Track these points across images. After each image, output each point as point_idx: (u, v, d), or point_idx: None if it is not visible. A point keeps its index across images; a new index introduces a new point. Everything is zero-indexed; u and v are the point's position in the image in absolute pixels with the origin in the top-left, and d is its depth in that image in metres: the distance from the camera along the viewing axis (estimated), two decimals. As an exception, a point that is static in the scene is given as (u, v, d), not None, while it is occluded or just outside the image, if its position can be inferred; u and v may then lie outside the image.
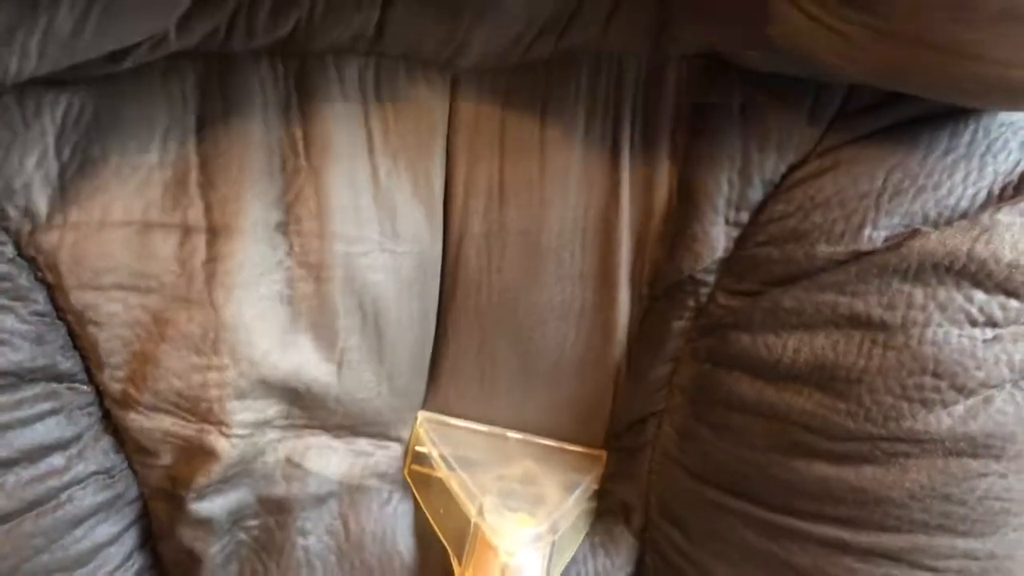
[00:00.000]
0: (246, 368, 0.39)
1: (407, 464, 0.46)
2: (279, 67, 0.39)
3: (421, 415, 0.46)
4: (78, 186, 0.37)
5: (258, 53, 0.38)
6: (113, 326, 0.38)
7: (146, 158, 0.38)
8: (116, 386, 0.40)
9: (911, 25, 0.29)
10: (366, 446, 0.45)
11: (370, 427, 0.45)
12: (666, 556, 0.46)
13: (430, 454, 0.45)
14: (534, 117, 0.41)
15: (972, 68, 0.30)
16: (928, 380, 0.37)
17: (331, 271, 0.40)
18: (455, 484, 0.44)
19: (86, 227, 0.37)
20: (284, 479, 0.44)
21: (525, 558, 0.41)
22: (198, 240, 0.39)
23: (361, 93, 0.40)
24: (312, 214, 0.39)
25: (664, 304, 0.43)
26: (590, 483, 0.47)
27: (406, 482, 0.47)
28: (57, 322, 0.39)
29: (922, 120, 0.37)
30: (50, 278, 0.38)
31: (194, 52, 0.37)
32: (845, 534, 0.40)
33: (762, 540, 0.41)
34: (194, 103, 0.38)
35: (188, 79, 0.38)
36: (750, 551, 0.42)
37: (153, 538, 0.44)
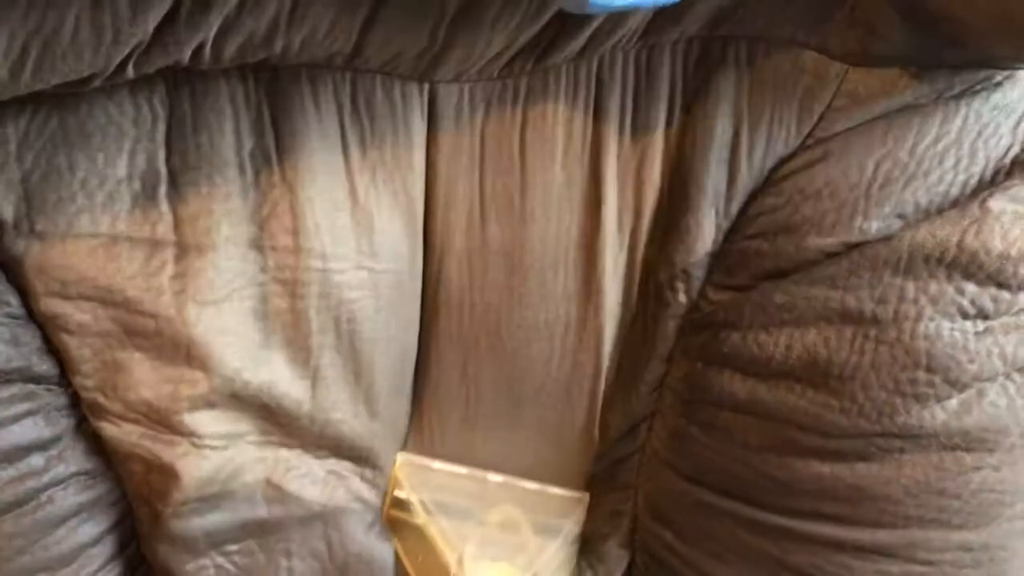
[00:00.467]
0: (218, 383, 0.39)
1: (385, 509, 0.45)
2: (250, 80, 0.38)
3: (400, 457, 0.45)
4: (44, 195, 0.36)
5: (228, 68, 0.37)
6: (84, 335, 0.38)
7: (114, 171, 0.37)
8: (87, 394, 0.39)
9: None
10: (349, 471, 0.44)
11: (352, 451, 0.44)
12: (657, 556, 0.45)
13: (409, 499, 0.45)
14: (513, 128, 0.40)
15: None
16: (921, 375, 0.37)
17: (306, 288, 0.39)
18: (434, 532, 0.44)
19: (52, 237, 0.37)
20: (266, 501, 0.43)
21: None
22: (166, 255, 0.38)
23: (337, 106, 0.38)
24: (287, 230, 0.39)
25: (655, 303, 0.42)
26: (572, 527, 0.47)
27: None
28: (32, 324, 0.38)
29: (911, 108, 0.37)
30: (20, 283, 0.37)
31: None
32: (841, 532, 0.39)
33: (757, 540, 0.41)
34: (163, 115, 0.37)
35: (157, 91, 0.37)
36: (745, 551, 0.41)
37: (138, 539, 0.43)
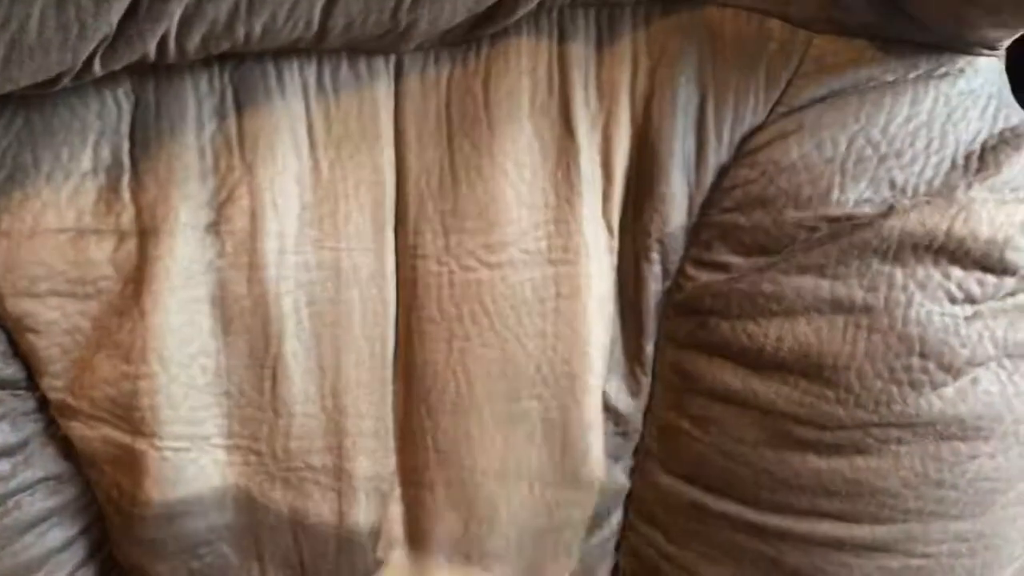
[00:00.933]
0: (176, 372, 0.39)
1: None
2: (215, 67, 0.38)
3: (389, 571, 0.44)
4: (9, 193, 0.37)
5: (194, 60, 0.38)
6: (52, 334, 0.38)
7: (78, 165, 0.38)
8: (56, 395, 0.39)
9: None
10: (318, 475, 0.42)
11: (320, 452, 0.42)
12: (644, 558, 0.45)
13: None
14: (477, 83, 0.39)
15: None
16: (916, 361, 0.37)
17: (264, 271, 0.39)
18: None
19: (19, 235, 0.37)
20: (235, 506, 0.42)
21: None
22: (131, 244, 0.38)
23: (302, 84, 0.39)
24: (245, 212, 0.39)
25: (633, 277, 0.41)
26: None
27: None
28: (-3, 329, 0.38)
29: (883, 86, 0.37)
30: None
31: None
32: (840, 529, 0.39)
33: (752, 541, 0.41)
34: (128, 108, 0.38)
35: (123, 85, 0.38)
36: (739, 553, 0.41)
37: (107, 544, 0.43)
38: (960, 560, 0.39)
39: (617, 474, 0.43)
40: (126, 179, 0.38)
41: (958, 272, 0.37)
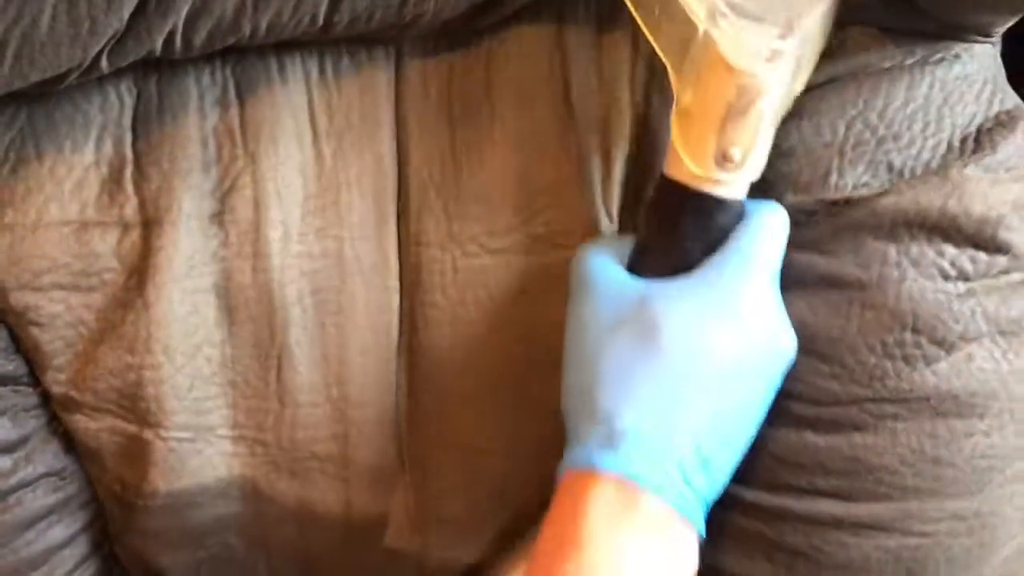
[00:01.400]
0: (181, 362, 0.39)
1: None
2: (217, 60, 0.38)
3: None
4: (12, 187, 0.38)
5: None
6: (56, 327, 0.38)
7: (81, 157, 0.38)
8: (59, 389, 0.39)
9: None
10: (325, 467, 0.42)
11: (328, 443, 0.42)
12: None
13: None
14: (478, 70, 0.40)
15: None
16: (908, 336, 0.37)
17: (268, 260, 0.39)
18: None
19: (22, 228, 0.38)
20: (240, 497, 0.42)
21: (767, 79, 0.34)
22: (135, 235, 0.39)
23: (304, 75, 0.39)
24: (248, 202, 0.39)
25: None
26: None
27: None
28: (-1, 325, 0.38)
29: (880, 73, 0.38)
30: None
31: None
32: (839, 508, 0.39)
33: (751, 522, 0.41)
34: (131, 102, 0.38)
35: (125, 79, 0.38)
36: (738, 534, 0.41)
37: (110, 540, 0.43)
38: (958, 539, 0.39)
39: None
40: (129, 171, 0.38)
41: (951, 249, 0.37)
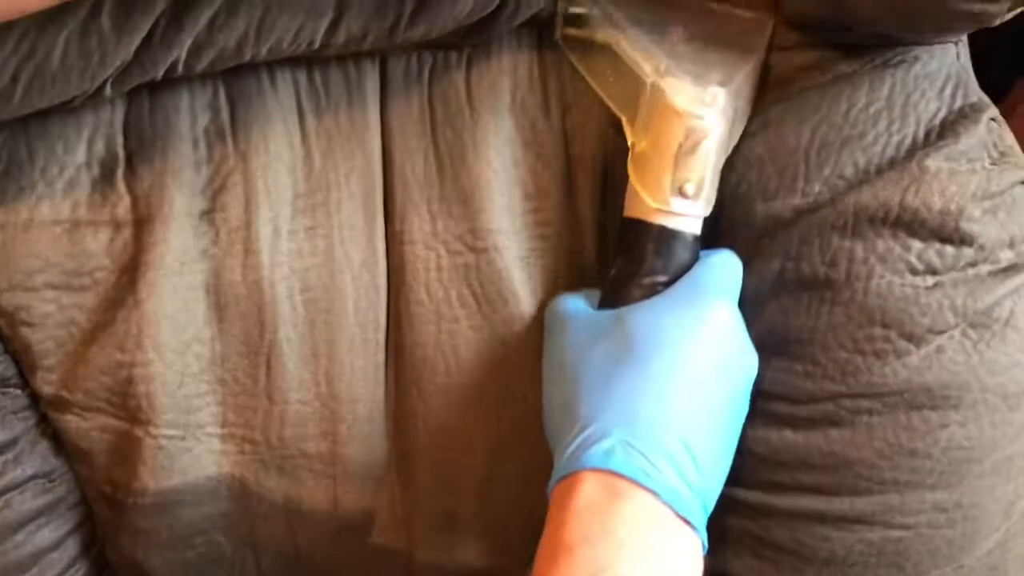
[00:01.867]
0: (171, 359, 0.39)
1: (558, 30, 0.41)
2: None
3: None
4: (4, 187, 0.38)
5: None
6: (47, 327, 0.39)
7: (73, 157, 0.38)
8: (50, 389, 0.39)
9: None
10: (313, 466, 0.43)
11: (316, 442, 0.42)
12: None
13: (589, 14, 0.40)
14: (460, 78, 0.41)
15: None
16: (877, 331, 0.38)
17: (258, 258, 0.40)
18: (625, 45, 0.39)
19: (14, 228, 0.38)
20: (229, 497, 0.42)
21: (711, 121, 0.37)
22: (127, 234, 0.39)
23: (293, 81, 0.40)
24: (239, 200, 0.39)
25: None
26: (761, 47, 0.41)
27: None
28: (-13, 329, 0.38)
29: (841, 78, 0.39)
30: None
31: None
32: (821, 503, 0.39)
33: (738, 520, 0.41)
34: (122, 102, 0.39)
35: None
36: (724, 533, 0.41)
37: (99, 542, 0.43)
38: (939, 531, 0.39)
39: None
40: (120, 170, 0.39)
41: (917, 244, 0.37)
